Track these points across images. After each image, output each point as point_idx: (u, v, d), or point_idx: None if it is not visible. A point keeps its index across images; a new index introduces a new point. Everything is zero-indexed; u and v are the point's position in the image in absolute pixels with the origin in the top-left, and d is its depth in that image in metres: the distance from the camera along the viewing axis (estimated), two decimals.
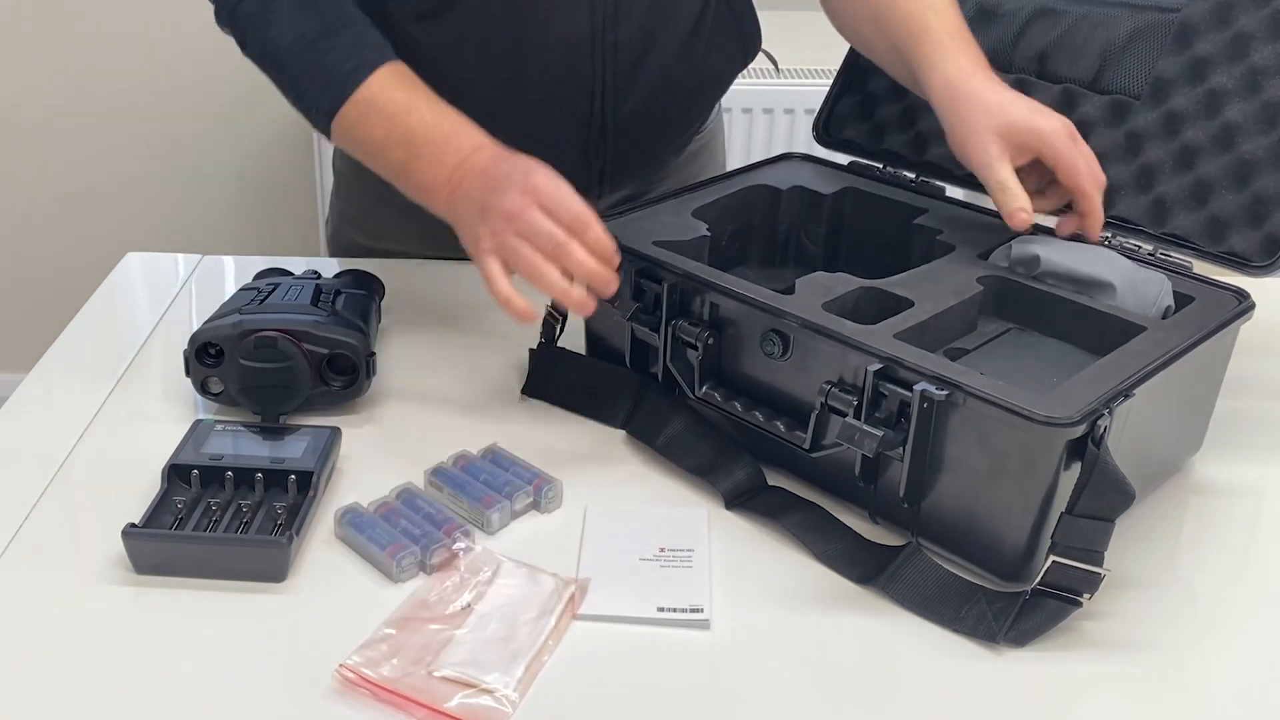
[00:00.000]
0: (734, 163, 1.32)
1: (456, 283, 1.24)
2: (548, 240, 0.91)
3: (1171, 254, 0.99)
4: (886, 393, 0.83)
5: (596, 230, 0.92)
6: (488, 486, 0.90)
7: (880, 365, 0.84)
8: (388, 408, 1.02)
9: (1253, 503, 0.95)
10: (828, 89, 1.21)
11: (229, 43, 1.06)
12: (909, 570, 0.82)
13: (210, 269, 1.27)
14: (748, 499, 0.90)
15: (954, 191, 1.11)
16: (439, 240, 1.28)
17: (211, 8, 1.05)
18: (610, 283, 0.93)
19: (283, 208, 2.42)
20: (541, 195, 0.92)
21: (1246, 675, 0.77)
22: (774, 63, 1.41)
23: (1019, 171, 0.97)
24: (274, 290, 1.03)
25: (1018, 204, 0.95)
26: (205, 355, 0.97)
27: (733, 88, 1.36)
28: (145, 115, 2.34)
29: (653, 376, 1.00)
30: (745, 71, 1.27)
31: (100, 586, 0.81)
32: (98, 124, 2.34)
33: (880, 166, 1.15)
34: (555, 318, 1.04)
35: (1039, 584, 0.79)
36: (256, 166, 2.39)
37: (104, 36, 2.27)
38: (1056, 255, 0.96)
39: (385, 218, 1.29)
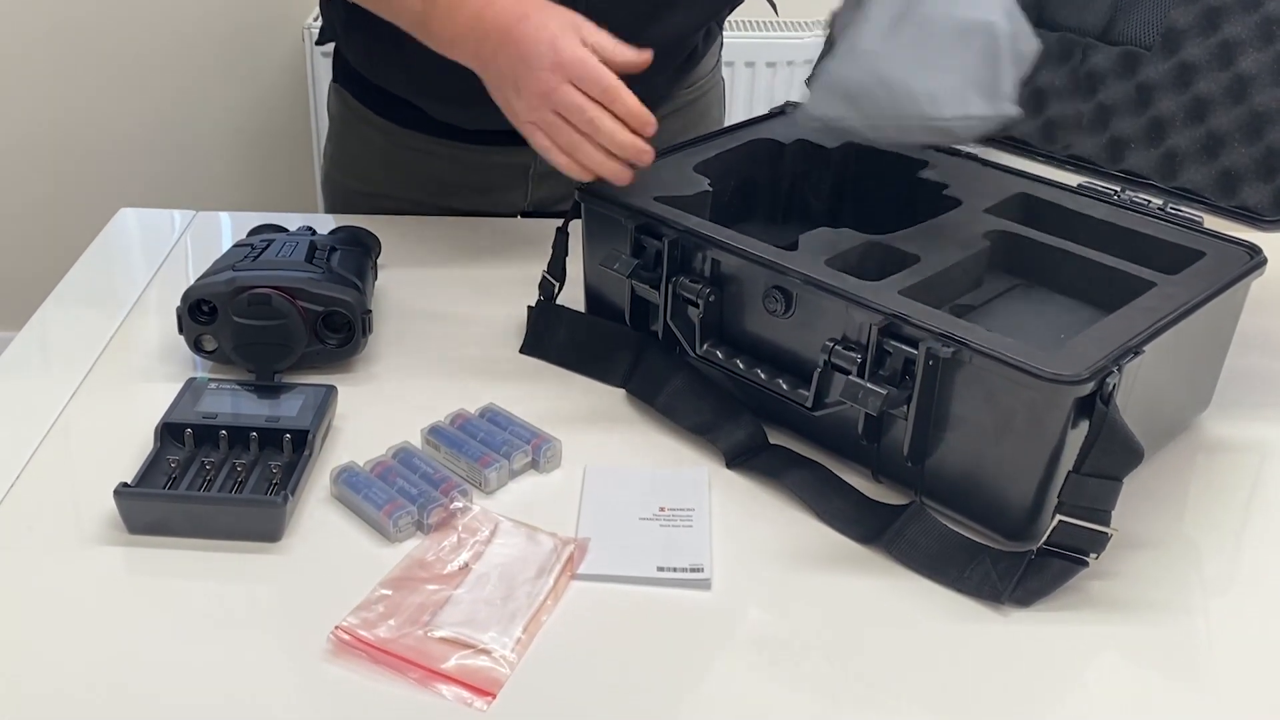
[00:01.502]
0: (736, 117, 1.30)
1: (454, 240, 1.22)
2: (579, 116, 0.94)
3: (1182, 208, 0.97)
4: (891, 350, 0.82)
5: (626, 101, 0.94)
6: (485, 446, 0.88)
7: (885, 322, 0.82)
8: (384, 366, 1.01)
9: (1261, 461, 0.94)
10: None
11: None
12: (912, 529, 0.81)
13: (204, 225, 1.26)
14: (749, 458, 0.89)
15: None
16: (424, 184, 1.27)
17: None
18: (644, 153, 0.95)
19: (278, 164, 2.39)
20: (570, 71, 0.94)
21: (1254, 635, 0.77)
22: (773, 4, 1.37)
23: None
24: (268, 246, 1.02)
25: None
26: (199, 312, 0.96)
27: (735, 40, 1.34)
28: (139, 70, 2.31)
29: (653, 334, 0.98)
30: (747, 24, 1.25)
31: (92, 547, 0.80)
32: (91, 79, 2.31)
33: None
34: (552, 279, 1.03)
35: (1045, 543, 0.78)
36: (251, 122, 2.37)
37: None
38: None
39: (372, 161, 1.29)
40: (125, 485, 0.81)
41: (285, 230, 1.08)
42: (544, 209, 1.29)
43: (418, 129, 1.25)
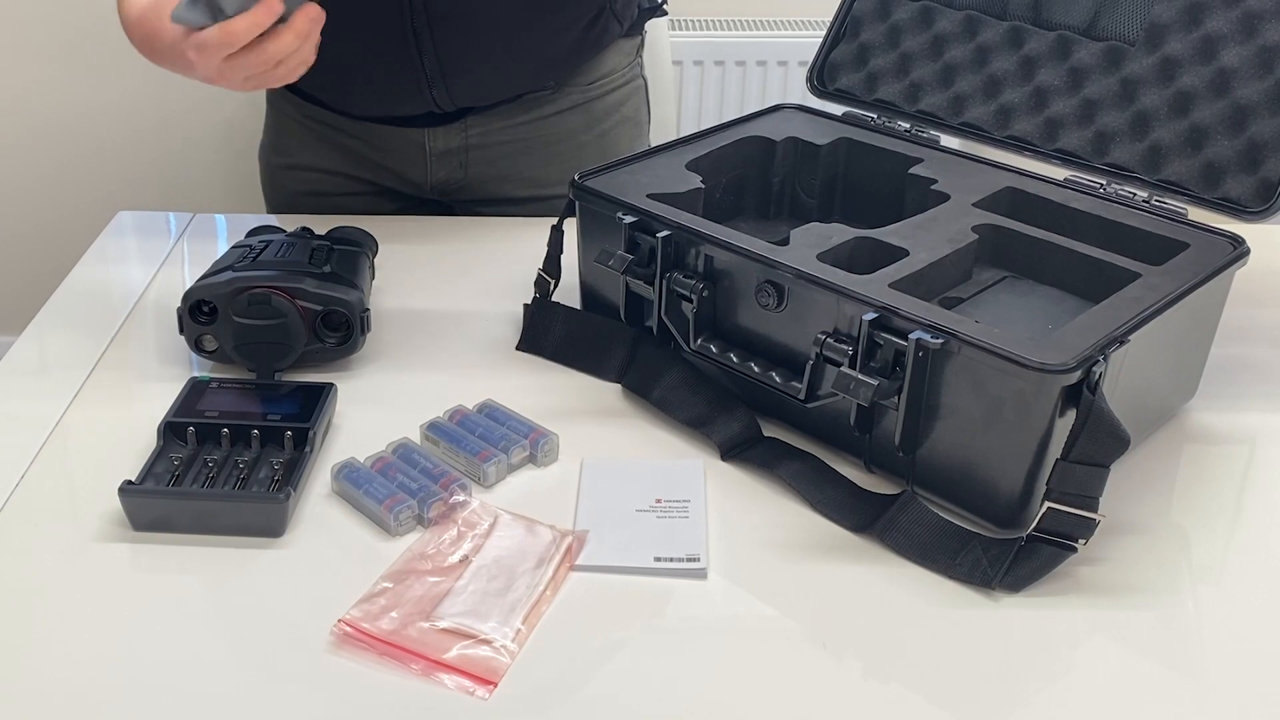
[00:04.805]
0: (728, 115, 1.31)
1: (450, 239, 1.24)
2: (232, 68, 0.96)
3: (1166, 200, 0.99)
4: (882, 342, 0.83)
5: (232, 35, 0.93)
6: (484, 440, 0.90)
7: (875, 315, 0.84)
8: (383, 364, 1.02)
9: (1246, 449, 0.95)
10: (821, 40, 1.20)
11: None
12: (904, 518, 0.83)
13: (202, 227, 1.27)
14: (744, 450, 0.91)
15: (949, 141, 1.11)
16: (335, 158, 1.32)
17: None
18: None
19: None
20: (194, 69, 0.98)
21: (1240, 619, 0.78)
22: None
23: None
24: (267, 247, 1.03)
25: None
26: (199, 313, 0.97)
27: (724, 39, 1.34)
28: (136, 73, 2.31)
29: (648, 330, 1.00)
30: (737, 23, 1.26)
31: (97, 544, 0.81)
32: (88, 82, 2.32)
33: (874, 117, 1.14)
34: (548, 276, 1.04)
35: (1034, 530, 0.79)
36: (248, 124, 2.37)
37: None
38: None
39: (292, 137, 1.34)
40: (129, 483, 0.82)
41: (283, 231, 1.09)
42: (448, 193, 1.33)
43: (323, 106, 1.30)
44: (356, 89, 1.23)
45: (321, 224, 1.12)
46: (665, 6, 1.37)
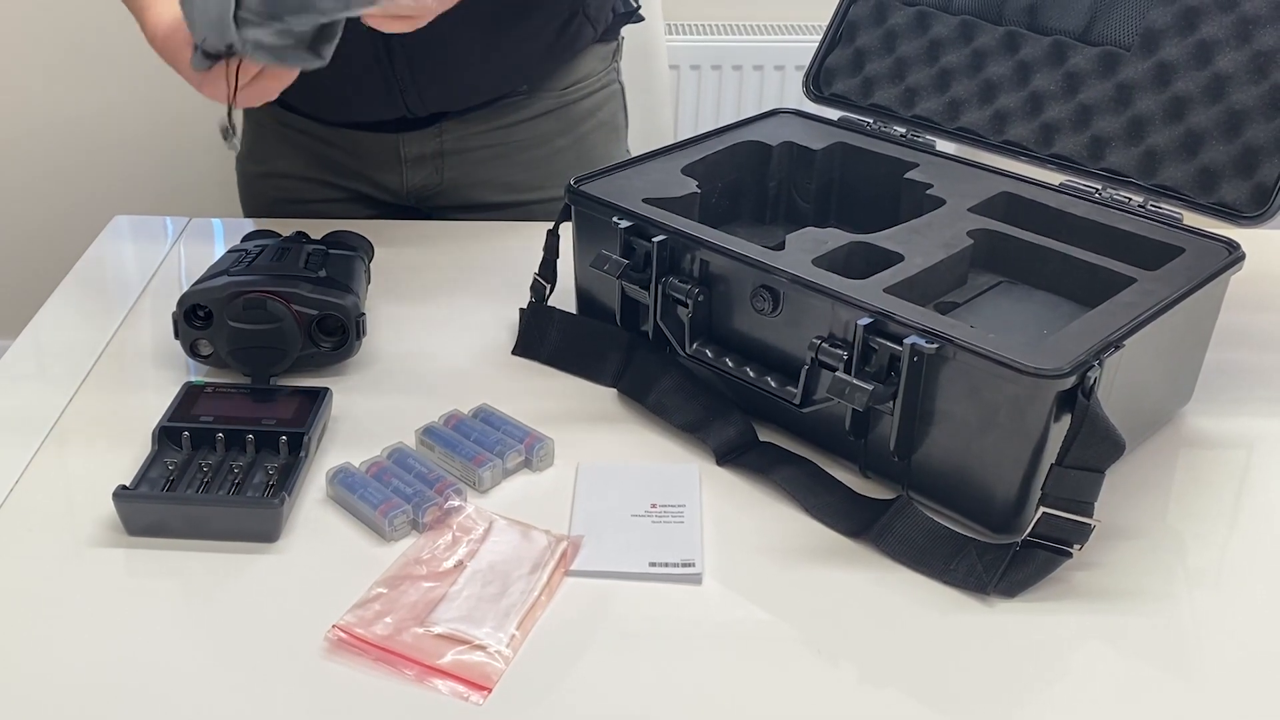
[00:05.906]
0: (725, 120, 1.31)
1: (446, 243, 1.24)
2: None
3: (1162, 205, 0.99)
4: (876, 347, 0.83)
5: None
6: (479, 445, 0.90)
7: (870, 319, 0.84)
8: (378, 368, 1.02)
9: (1242, 453, 0.95)
10: (817, 45, 1.20)
11: None
12: (899, 523, 0.83)
13: (198, 231, 1.27)
14: (739, 455, 0.91)
15: (944, 145, 1.11)
16: (312, 165, 1.33)
17: None
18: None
19: None
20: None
21: (1236, 624, 0.78)
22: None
23: None
24: (262, 252, 1.03)
25: None
26: (194, 317, 0.97)
27: (721, 44, 1.34)
28: (134, 76, 2.32)
29: (643, 334, 1.00)
30: (729, 28, 1.26)
31: (92, 549, 0.81)
32: (85, 85, 2.32)
33: (869, 122, 1.14)
34: (544, 280, 1.04)
35: (1029, 535, 0.79)
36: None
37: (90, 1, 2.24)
38: None
39: (269, 144, 1.34)
40: (124, 488, 0.82)
41: (279, 236, 1.09)
42: (425, 199, 1.33)
43: (297, 112, 1.30)
44: (329, 94, 1.23)
45: (308, 230, 1.12)
46: (641, 12, 1.37)
